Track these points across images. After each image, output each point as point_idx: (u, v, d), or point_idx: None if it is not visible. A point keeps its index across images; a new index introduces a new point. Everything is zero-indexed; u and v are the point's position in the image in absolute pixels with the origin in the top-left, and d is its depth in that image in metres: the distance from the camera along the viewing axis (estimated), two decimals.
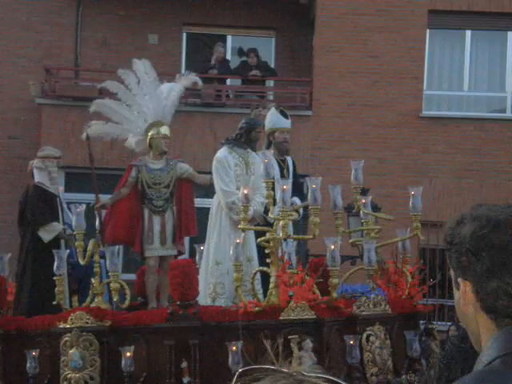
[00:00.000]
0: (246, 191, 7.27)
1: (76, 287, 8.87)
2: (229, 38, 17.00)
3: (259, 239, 7.31)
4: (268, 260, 7.18)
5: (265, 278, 7.62)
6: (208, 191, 9.33)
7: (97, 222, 8.30)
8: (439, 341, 8.08)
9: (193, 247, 9.50)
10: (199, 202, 9.39)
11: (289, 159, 8.98)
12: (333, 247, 6.95)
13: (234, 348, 6.72)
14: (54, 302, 7.76)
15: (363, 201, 7.90)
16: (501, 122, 15.69)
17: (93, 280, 7.75)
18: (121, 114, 8.43)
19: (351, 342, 6.96)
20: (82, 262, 7.95)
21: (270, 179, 7.24)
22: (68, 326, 7.26)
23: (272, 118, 8.78)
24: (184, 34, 17.06)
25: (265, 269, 7.30)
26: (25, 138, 15.78)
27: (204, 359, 7.00)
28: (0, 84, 16.36)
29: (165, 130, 8.31)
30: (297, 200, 8.59)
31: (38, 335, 7.62)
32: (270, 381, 1.48)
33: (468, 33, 15.93)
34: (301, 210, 8.60)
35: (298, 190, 9.01)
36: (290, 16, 16.65)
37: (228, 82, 16.43)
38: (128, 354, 7.02)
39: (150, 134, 8.26)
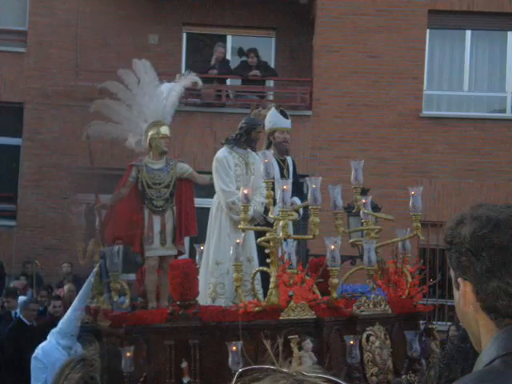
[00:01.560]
0: (246, 191, 7.26)
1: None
2: (229, 38, 17.00)
3: (259, 239, 7.30)
4: (268, 260, 7.17)
5: (265, 277, 7.61)
6: (208, 191, 9.32)
7: (97, 222, 8.29)
8: (439, 341, 8.07)
9: (193, 247, 9.49)
10: (199, 202, 9.37)
11: (289, 159, 8.97)
12: (333, 247, 6.94)
13: (234, 348, 6.71)
14: None
15: (363, 201, 7.89)
16: (501, 122, 15.69)
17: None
18: (121, 114, 8.42)
19: (351, 342, 6.95)
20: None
21: (270, 179, 7.24)
22: None
23: (272, 118, 8.77)
24: (184, 34, 17.06)
25: (265, 269, 7.29)
26: None
27: (204, 359, 6.99)
28: None
29: (165, 130, 8.30)
30: (297, 200, 8.58)
31: None
32: (269, 381, 1.48)
33: (468, 33, 15.93)
34: (301, 210, 8.59)
35: (298, 190, 9.00)
36: (290, 16, 16.65)
37: (228, 82, 16.42)
38: (128, 354, 7.02)
39: (149, 134, 8.25)
